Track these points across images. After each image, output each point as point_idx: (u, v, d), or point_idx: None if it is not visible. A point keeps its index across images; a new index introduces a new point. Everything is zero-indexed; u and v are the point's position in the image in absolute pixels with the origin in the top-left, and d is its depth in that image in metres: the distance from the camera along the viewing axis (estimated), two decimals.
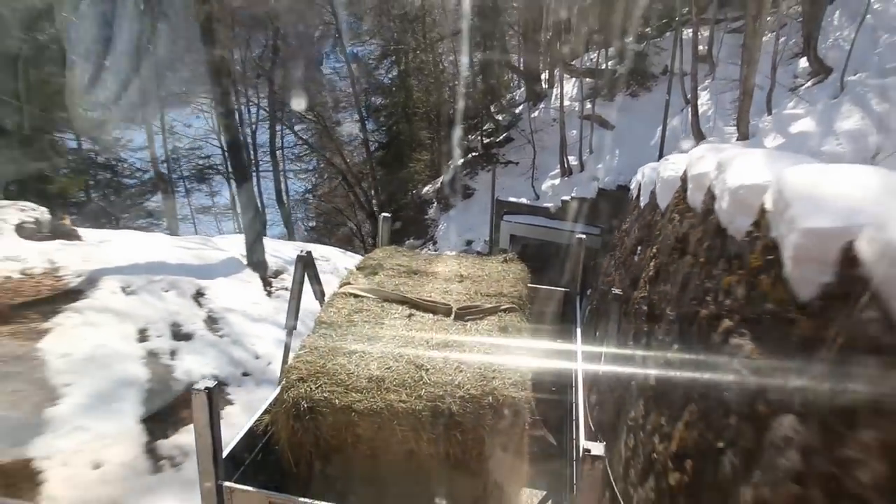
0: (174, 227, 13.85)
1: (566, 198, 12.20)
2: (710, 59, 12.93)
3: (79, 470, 2.93)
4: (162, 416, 3.62)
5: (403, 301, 3.20)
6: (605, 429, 4.24)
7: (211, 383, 2.24)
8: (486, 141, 17.39)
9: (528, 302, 3.49)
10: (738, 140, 8.36)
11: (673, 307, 3.27)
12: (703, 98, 12.49)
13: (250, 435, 2.65)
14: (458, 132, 16.40)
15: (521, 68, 18.40)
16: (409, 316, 3.07)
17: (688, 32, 11.94)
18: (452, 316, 3.06)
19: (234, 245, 7.67)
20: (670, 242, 3.77)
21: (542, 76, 17.85)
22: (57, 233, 5.64)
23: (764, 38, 10.29)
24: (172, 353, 4.33)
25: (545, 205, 12.67)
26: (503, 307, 3.15)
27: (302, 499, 2.28)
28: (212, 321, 5.13)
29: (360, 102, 18.83)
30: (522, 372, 2.53)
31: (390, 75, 20.62)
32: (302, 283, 3.54)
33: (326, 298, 3.39)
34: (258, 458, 2.69)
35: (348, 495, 2.56)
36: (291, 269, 8.07)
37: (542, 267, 8.02)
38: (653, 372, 3.36)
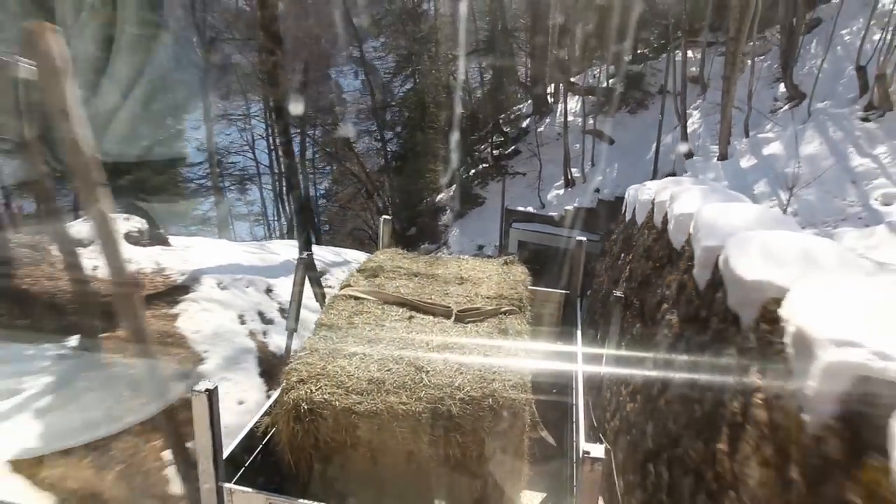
0: (225, 232, 15.43)
1: (569, 207, 13.41)
2: (701, 80, 14.03)
3: (230, 405, 4.25)
4: (270, 374, 4.93)
5: (404, 303, 3.20)
6: (592, 389, 5.47)
7: (211, 385, 2.19)
8: (495, 153, 18.64)
9: (529, 304, 3.51)
10: (718, 160, 9.54)
11: (638, 299, 4.53)
12: (696, 117, 13.60)
13: (250, 436, 2.65)
14: (468, 144, 17.62)
15: (528, 84, 19.66)
16: (410, 318, 3.06)
17: (681, 55, 13.03)
18: (452, 318, 3.06)
19: (284, 249, 9.02)
20: (640, 251, 5.03)
21: (548, 90, 19.10)
22: (155, 240, 7.01)
23: (749, 62, 11.48)
24: (264, 333, 5.65)
25: (550, 213, 13.86)
26: (503, 309, 3.16)
27: (302, 500, 2.27)
28: (283, 311, 6.45)
29: (378, 117, 20.23)
30: (522, 374, 2.54)
31: (405, 88, 22.01)
32: (303, 285, 3.54)
33: (327, 300, 3.37)
34: (258, 459, 2.68)
35: (348, 497, 2.57)
36: (333, 270, 9.41)
37: (548, 270, 9.21)
38: (625, 346, 4.61)
